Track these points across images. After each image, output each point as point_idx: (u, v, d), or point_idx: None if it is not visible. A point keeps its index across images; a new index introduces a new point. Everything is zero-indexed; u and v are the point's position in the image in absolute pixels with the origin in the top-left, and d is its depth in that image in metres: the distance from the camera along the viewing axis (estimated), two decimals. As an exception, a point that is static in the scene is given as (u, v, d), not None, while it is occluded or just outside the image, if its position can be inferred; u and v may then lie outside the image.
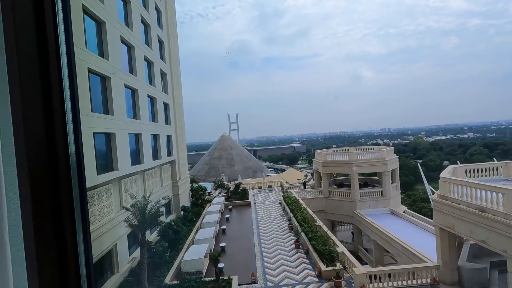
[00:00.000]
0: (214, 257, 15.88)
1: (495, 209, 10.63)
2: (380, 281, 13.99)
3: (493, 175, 16.66)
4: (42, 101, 0.79)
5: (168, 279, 15.20)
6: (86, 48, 14.91)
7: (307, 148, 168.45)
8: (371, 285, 13.71)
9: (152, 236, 21.59)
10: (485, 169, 16.81)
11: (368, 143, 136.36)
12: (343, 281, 14.07)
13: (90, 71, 15.26)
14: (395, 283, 13.90)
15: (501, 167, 16.86)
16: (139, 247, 15.56)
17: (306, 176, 76.98)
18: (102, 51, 16.86)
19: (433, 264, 14.57)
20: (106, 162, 16.95)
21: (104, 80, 16.92)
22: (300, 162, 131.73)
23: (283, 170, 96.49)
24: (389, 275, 14.08)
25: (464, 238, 14.47)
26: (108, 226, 15.83)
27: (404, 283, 13.93)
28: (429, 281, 13.89)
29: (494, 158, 35.86)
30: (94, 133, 15.23)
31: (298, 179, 61.93)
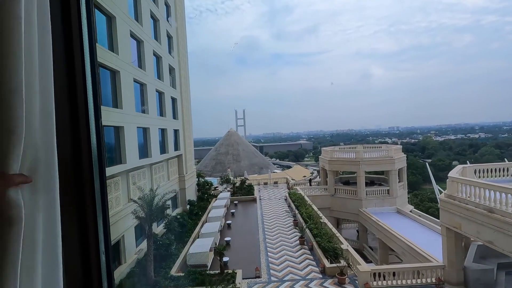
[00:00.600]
0: (219, 251, 16.08)
1: (504, 210, 10.49)
2: (384, 279, 13.99)
3: (504, 175, 16.39)
4: (68, 96, 0.85)
5: (173, 271, 15.47)
6: (97, 42, 15.10)
7: (314, 145, 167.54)
8: (375, 283, 13.73)
9: (158, 228, 21.94)
10: (495, 169, 16.54)
11: (375, 141, 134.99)
12: (346, 278, 14.11)
13: (100, 65, 15.48)
14: (399, 282, 13.88)
15: (512, 168, 16.57)
16: (146, 239, 15.89)
17: (312, 173, 76.82)
18: (112, 45, 17.06)
19: (438, 264, 14.49)
20: (114, 155, 17.25)
21: (114, 74, 17.14)
22: (306, 159, 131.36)
23: (289, 167, 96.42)
24: (394, 274, 14.06)
25: (471, 239, 14.33)
26: (116, 217, 16.16)
27: (409, 282, 13.90)
28: (434, 280, 13.83)
29: (505, 159, 35.16)
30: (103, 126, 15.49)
31: (304, 176, 61.87)
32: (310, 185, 36.58)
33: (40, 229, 0.63)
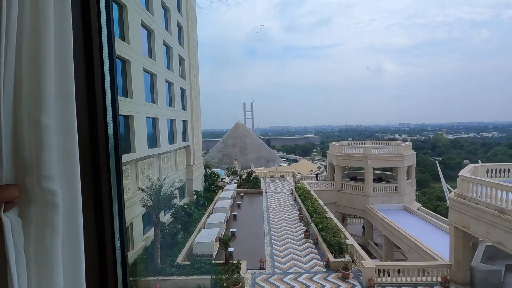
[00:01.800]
0: (225, 241, 16.30)
1: (515, 212, 10.28)
2: (389, 276, 13.98)
3: (516, 176, 16.01)
4: (86, 85, 0.86)
5: (179, 259, 15.79)
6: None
7: (322, 140, 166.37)
8: (379, 279, 13.74)
9: (165, 217, 22.33)
10: (508, 169, 16.16)
11: (385, 137, 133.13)
12: (350, 273, 14.17)
13: (111, 54, 15.58)
14: (403, 279, 13.85)
15: (526, 168, 16.16)
16: (153, 227, 16.20)
17: (319, 168, 76.50)
18: (123, 35, 17.13)
19: (445, 263, 14.38)
20: (124, 144, 17.50)
21: (124, 63, 17.25)
22: (313, 153, 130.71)
23: (296, 161, 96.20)
24: (398, 271, 14.03)
25: (480, 239, 14.15)
26: (125, 205, 16.48)
27: (414, 279, 13.85)
28: (439, 279, 13.75)
29: (518, 159, 34.34)
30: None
31: (311, 171, 61.69)
32: (317, 179, 36.50)
33: (62, 217, 0.65)
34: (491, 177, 15.74)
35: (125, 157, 16.84)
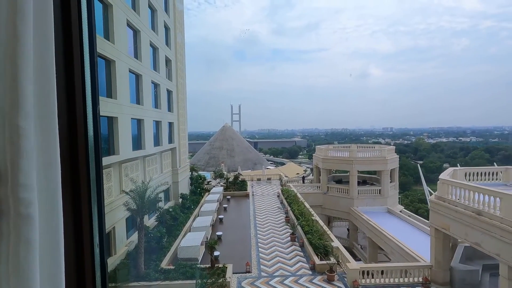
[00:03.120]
0: (210, 245, 16.12)
1: (492, 213, 10.71)
2: (373, 277, 14.22)
3: (493, 179, 16.71)
4: (65, 88, 0.82)
5: (164, 264, 15.47)
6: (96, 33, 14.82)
7: (308, 143, 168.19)
8: (363, 280, 13.94)
9: (150, 221, 21.86)
10: (485, 173, 16.85)
11: (369, 141, 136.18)
12: (336, 275, 14.31)
13: (95, 53, 15.19)
14: (387, 280, 14.13)
15: (501, 172, 16.90)
16: (137, 231, 15.82)
17: (305, 170, 77.25)
18: (107, 34, 16.76)
19: (426, 263, 14.77)
20: (107, 146, 17.06)
21: (109, 63, 16.86)
22: (300, 156, 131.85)
23: (283, 164, 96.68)
24: (382, 272, 14.29)
25: (459, 240, 14.64)
26: (107, 209, 16.04)
27: (396, 280, 14.15)
28: (420, 280, 14.11)
29: (494, 163, 35.87)
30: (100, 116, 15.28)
31: (297, 173, 62.16)
32: (303, 182, 36.79)
33: (41, 228, 0.62)
34: (469, 180, 16.36)
35: (108, 159, 16.41)
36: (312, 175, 40.23)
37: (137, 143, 21.23)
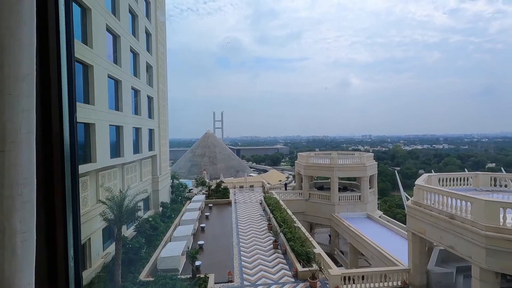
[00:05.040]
0: (192, 255, 15.74)
1: (464, 217, 11.23)
2: (354, 283, 14.40)
3: (464, 185, 17.57)
4: (41, 92, 0.79)
5: (143, 276, 14.90)
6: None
7: (290, 150, 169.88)
8: (344, 286, 14.09)
9: (128, 231, 21.09)
10: (457, 178, 17.69)
11: (349, 148, 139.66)
12: (318, 282, 14.36)
13: (72, 58, 14.70)
14: (367, 285, 14.35)
15: (471, 177, 17.81)
16: (114, 242, 15.18)
17: (287, 177, 77.69)
18: (85, 38, 16.31)
19: (404, 267, 15.17)
20: (84, 153, 16.41)
21: (87, 68, 16.37)
22: (282, 163, 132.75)
23: (265, 171, 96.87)
24: (363, 277, 14.52)
25: (434, 244, 15.18)
26: (83, 219, 15.33)
27: (376, 285, 14.41)
28: (399, 283, 14.46)
29: (465, 169, 37.83)
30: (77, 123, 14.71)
31: (280, 180, 62.43)
32: (286, 189, 36.97)
33: (16, 238, 0.58)
34: (443, 185, 17.12)
35: (84, 167, 15.76)
36: (295, 182, 40.55)
37: (116, 150, 20.58)
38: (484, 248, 10.19)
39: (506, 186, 16.88)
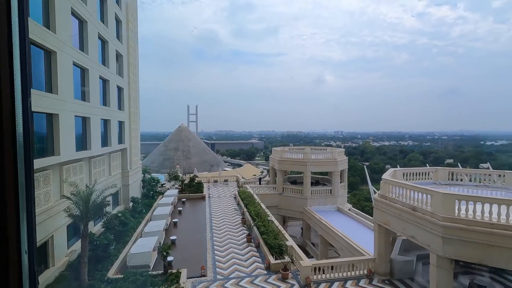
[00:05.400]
0: (163, 250, 15.44)
1: (424, 209, 12.04)
2: (324, 273, 14.97)
3: (425, 179, 18.79)
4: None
5: (111, 273, 14.38)
6: (29, 15, 13.22)
7: (265, 145, 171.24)
8: (315, 276, 14.60)
9: (96, 227, 20.18)
10: (419, 173, 18.88)
11: (322, 143, 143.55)
12: (290, 273, 14.75)
13: (32, 42, 13.57)
14: (336, 275, 14.99)
15: (432, 172, 19.10)
16: (80, 239, 14.44)
17: (262, 172, 78.38)
18: (48, 22, 15.11)
19: (370, 257, 16.01)
20: (45, 146, 15.33)
21: (49, 54, 15.21)
22: (257, 158, 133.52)
23: (240, 165, 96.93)
24: (332, 267, 15.13)
25: (398, 234, 16.14)
26: (44, 216, 14.39)
27: (345, 274, 15.09)
28: (365, 272, 15.25)
29: (427, 164, 40.50)
30: (32, 112, 13.64)
31: (254, 175, 62.82)
32: (260, 183, 37.29)
33: None
34: (407, 179, 18.20)
35: (46, 161, 14.75)
36: (269, 176, 41.00)
37: (82, 143, 19.47)
38: (441, 237, 11.02)
39: (461, 180, 18.31)
